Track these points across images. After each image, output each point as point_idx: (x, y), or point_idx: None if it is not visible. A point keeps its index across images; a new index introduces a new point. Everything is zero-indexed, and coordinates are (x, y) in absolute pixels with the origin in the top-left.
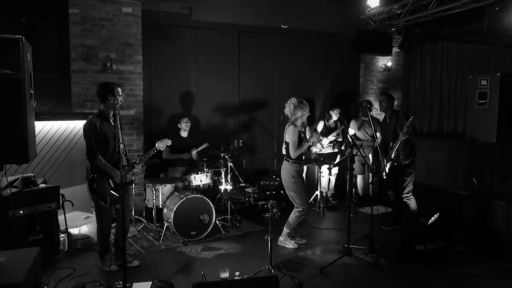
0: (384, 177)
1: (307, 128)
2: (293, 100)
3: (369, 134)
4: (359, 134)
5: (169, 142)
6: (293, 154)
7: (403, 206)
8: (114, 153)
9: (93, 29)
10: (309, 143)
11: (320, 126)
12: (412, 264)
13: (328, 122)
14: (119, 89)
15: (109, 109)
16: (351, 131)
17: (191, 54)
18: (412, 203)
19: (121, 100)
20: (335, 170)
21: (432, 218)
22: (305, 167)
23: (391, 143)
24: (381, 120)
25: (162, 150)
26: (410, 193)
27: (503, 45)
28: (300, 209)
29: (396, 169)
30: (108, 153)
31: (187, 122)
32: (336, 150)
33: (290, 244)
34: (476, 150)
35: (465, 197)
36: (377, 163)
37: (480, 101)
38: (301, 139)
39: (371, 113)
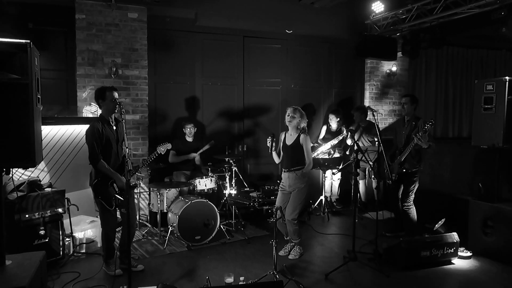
0: (389, 182)
1: (323, 129)
2: None
3: (368, 141)
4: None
5: (169, 146)
6: None
7: (403, 214)
8: (117, 157)
9: (99, 34)
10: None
11: (323, 131)
12: (418, 270)
13: (329, 126)
14: (115, 93)
15: (107, 113)
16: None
17: (196, 59)
18: (411, 212)
19: (117, 104)
20: (338, 175)
21: (438, 223)
22: (284, 175)
23: (401, 148)
24: (398, 122)
25: (163, 153)
26: (411, 202)
27: (508, 50)
28: None
29: (402, 175)
30: (111, 157)
31: (191, 129)
32: (338, 154)
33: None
34: (482, 155)
35: (471, 203)
36: (382, 168)
37: (486, 106)
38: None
39: (375, 117)
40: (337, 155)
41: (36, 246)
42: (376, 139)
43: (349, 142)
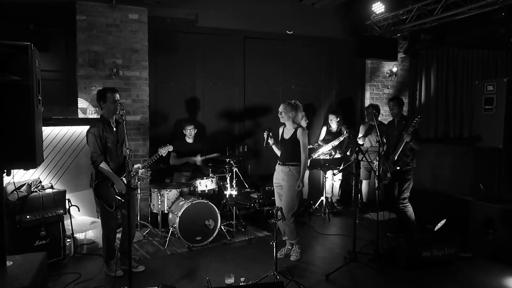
0: (385, 182)
1: (323, 130)
2: None
3: (376, 140)
4: (365, 141)
5: (170, 148)
6: None
7: (401, 212)
8: (118, 158)
9: (100, 35)
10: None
11: (323, 132)
12: (419, 271)
13: (329, 127)
14: (116, 94)
15: (108, 114)
16: (360, 135)
17: (197, 59)
18: (409, 210)
19: (118, 105)
20: (339, 176)
21: (439, 224)
22: (278, 167)
23: (393, 147)
24: (389, 124)
25: (164, 155)
26: (407, 200)
27: (509, 50)
28: None
29: (397, 174)
30: (112, 158)
31: (191, 130)
32: (339, 155)
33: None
34: (483, 156)
35: (472, 203)
36: (382, 167)
37: (487, 107)
38: None
39: (377, 118)
40: (337, 156)
41: (37, 247)
42: (382, 139)
43: (360, 141)
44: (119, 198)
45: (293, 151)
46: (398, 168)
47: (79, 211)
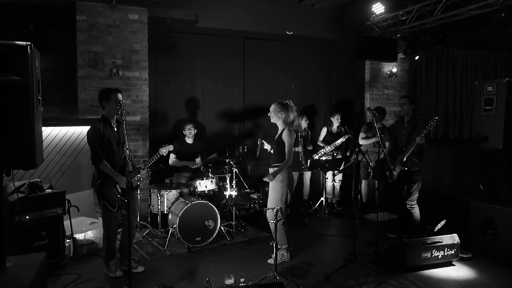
0: (390, 181)
1: (323, 131)
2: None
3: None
4: (365, 142)
5: (171, 147)
6: None
7: (407, 213)
8: (119, 158)
9: (100, 35)
10: None
11: (323, 133)
12: (418, 272)
13: (330, 128)
14: (119, 95)
15: (110, 114)
16: (362, 135)
17: (197, 60)
18: (415, 212)
19: (119, 105)
20: (339, 177)
21: (439, 225)
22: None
23: (403, 148)
24: (397, 123)
25: (164, 155)
26: (415, 202)
27: (509, 51)
28: None
29: (404, 175)
30: (113, 158)
31: (190, 129)
32: (340, 156)
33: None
34: (483, 156)
35: (472, 204)
36: (385, 167)
37: (487, 107)
38: None
39: (378, 120)
40: (338, 156)
41: (36, 248)
42: (383, 141)
43: (363, 142)
44: (122, 197)
45: (278, 152)
46: (406, 168)
47: (78, 211)
